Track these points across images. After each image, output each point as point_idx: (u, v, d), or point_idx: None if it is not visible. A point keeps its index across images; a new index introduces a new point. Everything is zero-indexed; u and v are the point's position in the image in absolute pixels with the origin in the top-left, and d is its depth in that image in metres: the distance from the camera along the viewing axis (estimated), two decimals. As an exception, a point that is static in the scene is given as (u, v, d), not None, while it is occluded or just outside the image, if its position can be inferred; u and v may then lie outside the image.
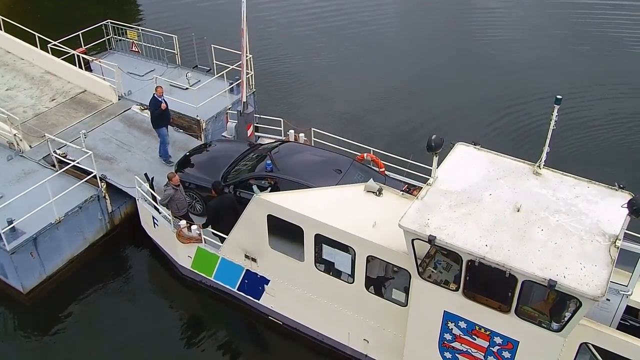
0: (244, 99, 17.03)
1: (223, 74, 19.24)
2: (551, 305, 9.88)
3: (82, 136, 16.82)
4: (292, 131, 16.93)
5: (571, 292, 8.93)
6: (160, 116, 16.56)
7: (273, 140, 17.07)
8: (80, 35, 21.31)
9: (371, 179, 12.64)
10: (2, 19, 22.46)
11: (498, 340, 10.27)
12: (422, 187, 10.86)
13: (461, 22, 29.22)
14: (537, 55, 25.67)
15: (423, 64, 25.14)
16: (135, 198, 15.82)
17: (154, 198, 14.78)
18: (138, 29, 22.39)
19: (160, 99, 16.37)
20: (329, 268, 12.23)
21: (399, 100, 22.53)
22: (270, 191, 14.14)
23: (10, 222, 14.12)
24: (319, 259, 12.18)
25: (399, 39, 27.65)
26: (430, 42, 27.22)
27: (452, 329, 10.67)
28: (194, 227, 14.17)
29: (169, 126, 17.16)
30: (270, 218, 12.32)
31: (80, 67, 20.47)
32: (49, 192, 14.42)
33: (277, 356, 14.02)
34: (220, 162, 15.73)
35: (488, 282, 9.85)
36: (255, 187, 14.28)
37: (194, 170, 15.72)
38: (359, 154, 16.01)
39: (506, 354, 10.36)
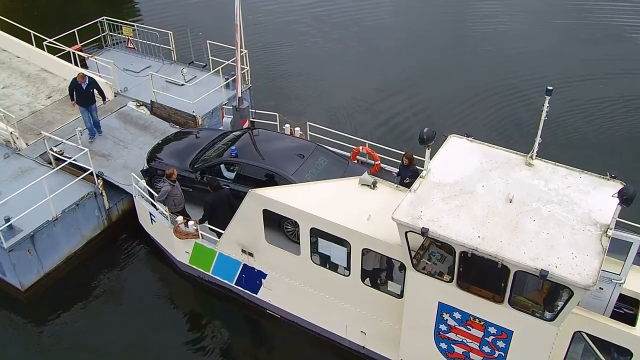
0: (240, 94, 17.07)
1: (219, 69, 19.25)
2: (544, 295, 9.95)
3: (79, 133, 16.90)
4: (287, 125, 16.96)
5: (563, 282, 9.00)
6: (78, 97, 16.98)
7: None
8: (76, 32, 21.34)
9: (363, 173, 12.60)
10: (-2, 18, 22.50)
11: (492, 330, 10.35)
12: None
13: (454, 15, 29.19)
14: (530, 45, 25.67)
15: (417, 57, 25.12)
16: (132, 194, 15.89)
17: (151, 194, 14.83)
18: (133, 26, 22.42)
19: (80, 84, 16.80)
20: (325, 261, 12.30)
21: (395, 94, 22.50)
22: (235, 175, 14.57)
23: (7, 220, 14.19)
24: (315, 253, 12.26)
25: (393, 32, 27.58)
26: (423, 34, 27.23)
27: (447, 319, 10.75)
28: (190, 222, 14.22)
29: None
30: (266, 213, 12.40)
31: (76, 64, 20.48)
32: (46, 190, 14.49)
33: (275, 349, 14.10)
34: (190, 150, 15.92)
35: (481, 273, 9.92)
36: (222, 167, 14.77)
37: (164, 157, 15.81)
38: (355, 147, 16.08)
39: (501, 344, 10.45)
